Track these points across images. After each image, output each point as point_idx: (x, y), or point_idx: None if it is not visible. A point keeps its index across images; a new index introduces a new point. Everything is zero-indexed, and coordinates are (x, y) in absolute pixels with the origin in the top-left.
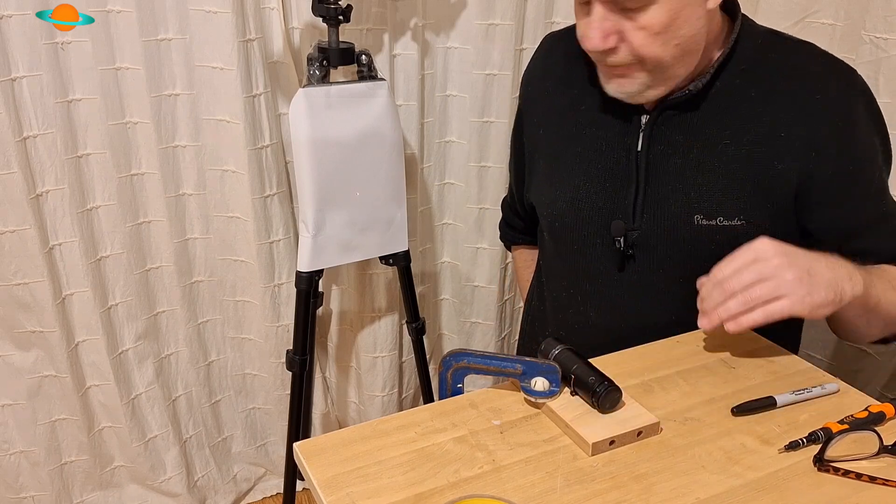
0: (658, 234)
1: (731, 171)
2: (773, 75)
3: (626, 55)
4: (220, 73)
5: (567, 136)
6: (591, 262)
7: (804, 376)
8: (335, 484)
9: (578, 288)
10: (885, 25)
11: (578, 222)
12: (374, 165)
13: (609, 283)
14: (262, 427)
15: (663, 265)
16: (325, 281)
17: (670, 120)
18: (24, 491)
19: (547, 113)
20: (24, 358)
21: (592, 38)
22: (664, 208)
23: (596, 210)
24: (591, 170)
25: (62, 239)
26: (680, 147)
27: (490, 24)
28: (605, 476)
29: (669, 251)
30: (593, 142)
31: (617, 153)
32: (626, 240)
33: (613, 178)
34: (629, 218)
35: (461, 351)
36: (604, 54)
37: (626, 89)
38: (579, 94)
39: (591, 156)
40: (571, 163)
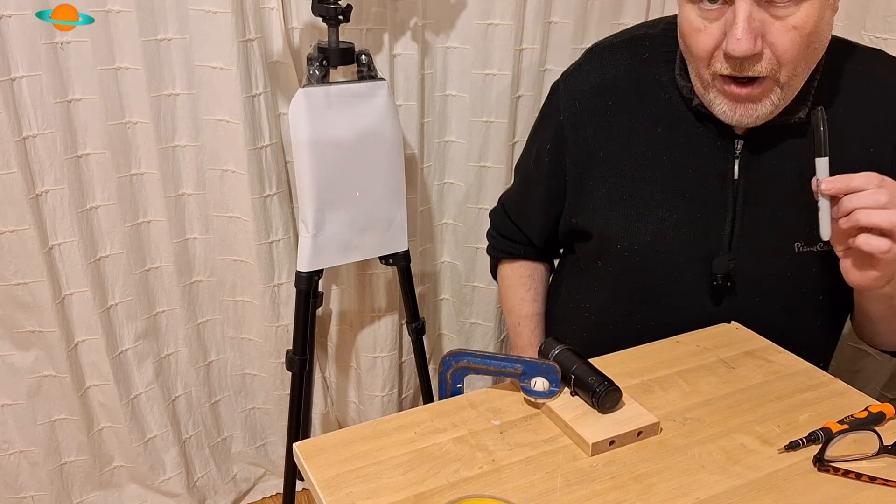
0: (757, 264)
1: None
2: (855, 89)
3: (769, 63)
4: (220, 72)
5: (639, 161)
6: (682, 295)
7: (804, 376)
8: (335, 484)
9: (663, 320)
10: (885, 25)
11: (666, 256)
12: (374, 165)
13: (703, 316)
14: (262, 427)
15: (762, 295)
16: (325, 281)
17: (767, 145)
18: (24, 491)
19: (608, 133)
20: (23, 358)
21: (742, 41)
22: (762, 237)
23: (687, 243)
24: (678, 200)
25: (62, 239)
26: (777, 173)
27: (490, 24)
28: (605, 476)
29: (769, 281)
30: (677, 169)
31: (709, 181)
32: (726, 273)
33: (706, 208)
34: (724, 249)
35: (461, 351)
36: (745, 62)
37: (756, 113)
38: (654, 114)
39: (676, 184)
40: (650, 192)
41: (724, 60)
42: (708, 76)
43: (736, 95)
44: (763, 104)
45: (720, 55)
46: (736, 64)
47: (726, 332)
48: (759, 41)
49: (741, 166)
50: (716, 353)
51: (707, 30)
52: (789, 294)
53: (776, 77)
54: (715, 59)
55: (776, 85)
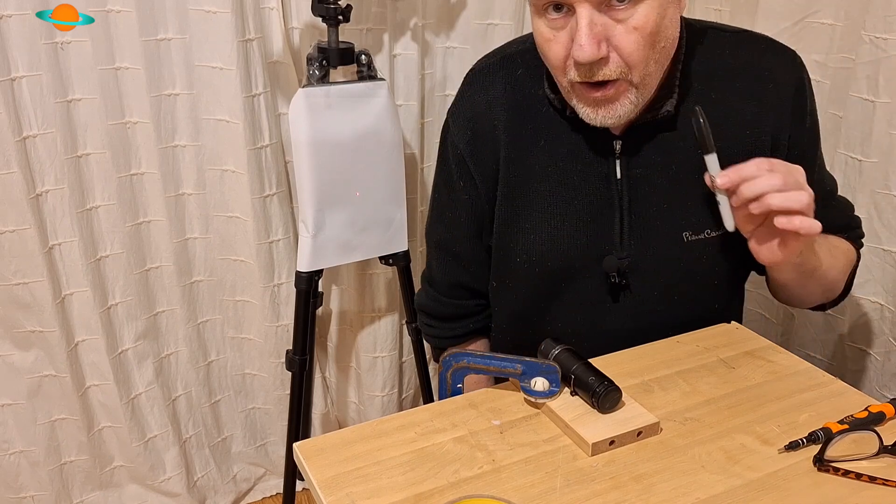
0: (648, 258)
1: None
2: (725, 73)
3: (617, 66)
4: (220, 72)
5: (529, 175)
6: (582, 298)
7: (804, 376)
8: (335, 484)
9: (569, 323)
10: (885, 25)
11: (565, 263)
12: (374, 165)
13: (604, 314)
14: (262, 427)
15: (658, 287)
16: (325, 281)
17: (642, 140)
18: (24, 491)
19: (499, 153)
20: (23, 358)
21: (585, 47)
22: (651, 232)
23: (580, 247)
24: (567, 207)
25: (62, 239)
26: (658, 166)
27: (490, 24)
28: (605, 476)
29: (662, 273)
30: (563, 177)
31: (594, 184)
32: (618, 271)
33: (594, 211)
34: (617, 247)
35: (461, 351)
36: (594, 67)
37: (617, 113)
38: (535, 128)
39: (564, 192)
40: (541, 203)
41: (575, 68)
42: (566, 83)
43: (593, 99)
44: (621, 104)
45: (571, 62)
46: (585, 70)
47: (726, 332)
48: (603, 45)
49: (622, 165)
50: (716, 353)
51: (556, 39)
52: (685, 283)
53: (628, 78)
54: (568, 67)
55: (630, 85)
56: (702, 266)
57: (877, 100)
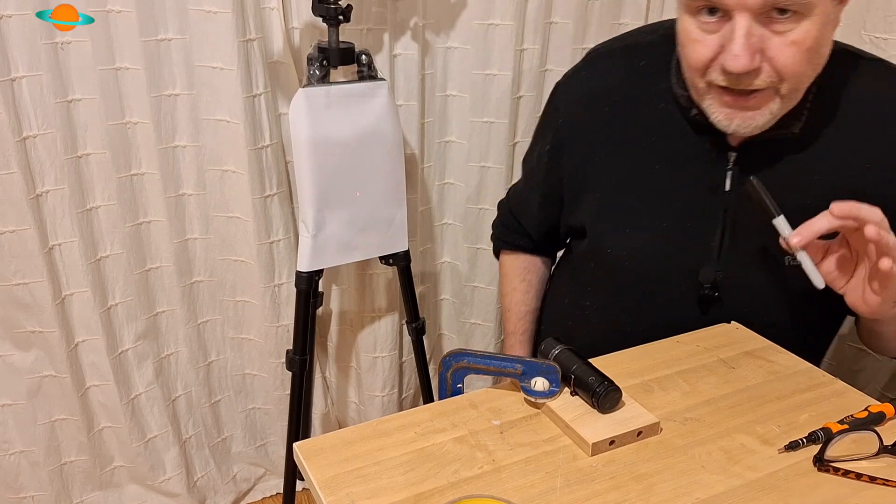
0: (744, 276)
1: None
2: (854, 101)
3: (767, 76)
4: (220, 73)
5: (633, 169)
6: (670, 303)
7: (804, 376)
8: (335, 484)
9: (648, 323)
10: (885, 25)
11: (658, 264)
12: (374, 165)
13: (688, 323)
14: (262, 427)
15: (750, 307)
16: (325, 281)
17: (759, 157)
18: (24, 491)
19: (604, 138)
20: (23, 358)
21: (741, 58)
22: (751, 251)
23: (677, 253)
24: (669, 209)
25: (62, 239)
26: (769, 186)
27: (490, 24)
28: (605, 476)
29: (757, 293)
30: (670, 178)
31: (700, 192)
32: (713, 283)
33: (697, 219)
34: (714, 260)
35: (461, 351)
36: (743, 77)
37: (755, 122)
38: (648, 122)
39: (668, 194)
40: (644, 200)
41: (721, 73)
42: (703, 85)
43: (733, 104)
44: (762, 113)
45: (717, 66)
46: (733, 79)
47: (726, 332)
48: (757, 57)
49: (733, 179)
50: (716, 353)
51: (705, 41)
52: (777, 307)
53: (776, 88)
54: (711, 69)
55: (776, 95)
56: (797, 293)
57: None
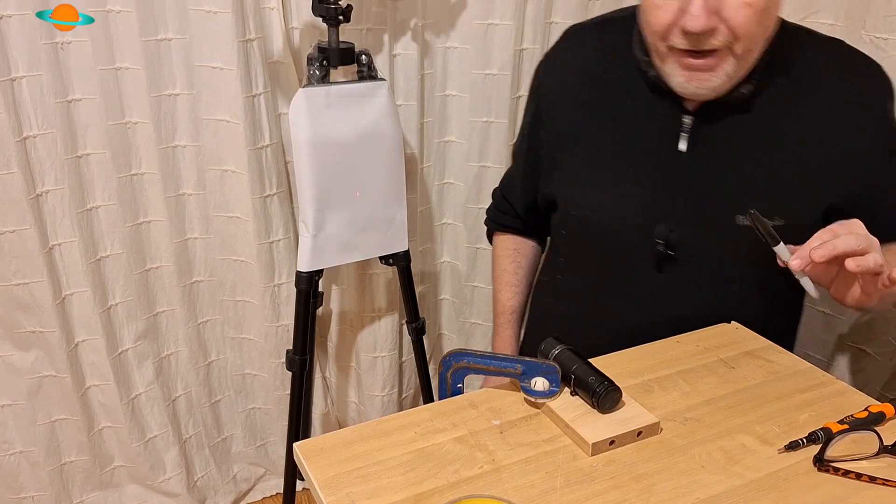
0: (699, 234)
1: (773, 172)
2: (808, 75)
3: (724, 37)
4: (220, 73)
5: (602, 133)
6: (628, 261)
7: (804, 376)
8: (335, 484)
9: (612, 285)
10: (885, 25)
11: (617, 223)
12: (374, 165)
13: (646, 282)
14: (262, 427)
15: (703, 265)
16: (325, 281)
17: (715, 121)
18: (24, 491)
19: (576, 107)
20: (23, 358)
21: (698, 17)
22: (706, 210)
23: (637, 211)
24: (632, 170)
25: (62, 239)
26: (723, 149)
27: (490, 24)
28: (605, 476)
29: (710, 252)
30: (633, 141)
31: (660, 154)
32: (667, 241)
33: (655, 179)
34: (671, 219)
35: (461, 351)
36: (701, 37)
37: (711, 84)
38: (615, 90)
39: (631, 156)
40: (609, 162)
41: (681, 35)
42: (664, 48)
43: (691, 66)
44: (717, 74)
45: (677, 30)
46: (692, 39)
47: (726, 332)
48: (713, 17)
49: (689, 140)
50: (716, 353)
51: (665, 6)
52: (728, 266)
53: (732, 48)
54: (671, 33)
55: (731, 55)
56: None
57: None
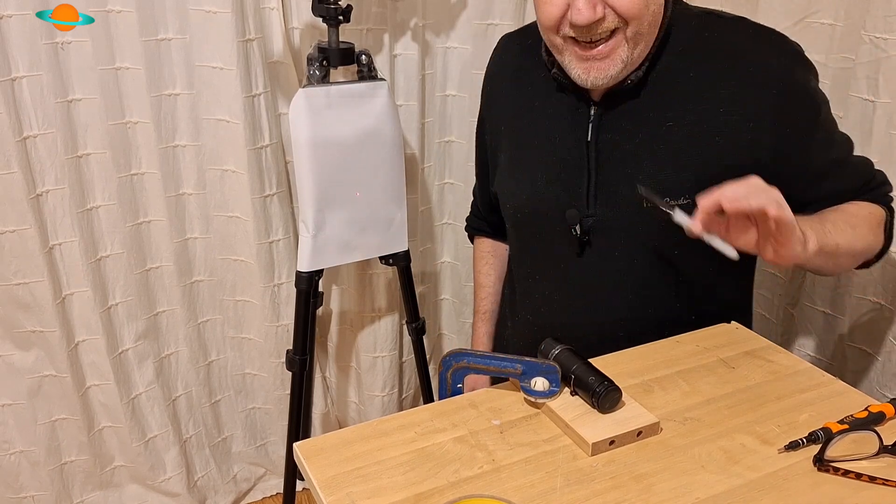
0: (611, 219)
1: (675, 152)
2: (709, 54)
3: (613, 20)
4: (220, 72)
5: (524, 129)
6: (551, 249)
7: (804, 376)
8: (335, 484)
9: (542, 274)
10: (885, 25)
11: (538, 212)
12: (374, 165)
13: (570, 269)
14: (262, 427)
15: (618, 248)
16: (325, 281)
17: (617, 109)
18: (24, 491)
19: (505, 109)
20: (24, 358)
21: (583, 11)
22: (615, 194)
23: (553, 200)
24: (547, 161)
25: (62, 239)
26: (627, 134)
27: (490, 24)
28: (605, 476)
29: (623, 234)
30: (548, 134)
31: (569, 144)
32: (581, 226)
33: (567, 168)
34: (584, 206)
35: (461, 351)
36: (592, 27)
37: (608, 73)
38: (532, 90)
39: (547, 147)
40: (529, 155)
41: (572, 28)
42: (559, 41)
43: (587, 56)
44: (613, 61)
45: (566, 22)
46: (582, 31)
47: (726, 332)
48: (598, 7)
49: (593, 129)
50: (716, 353)
51: (553, 1)
52: (642, 248)
53: (624, 31)
54: (562, 26)
55: (624, 40)
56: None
57: (877, 100)
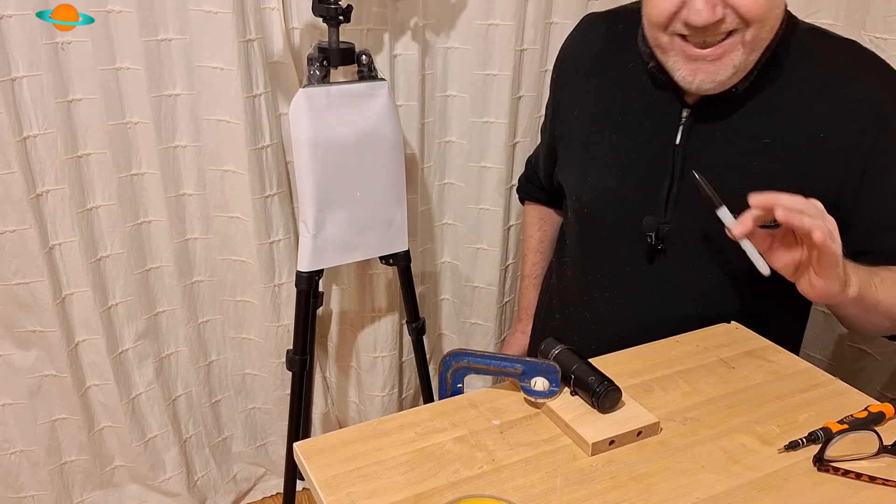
0: (689, 229)
1: (766, 170)
2: (814, 73)
3: (732, 21)
4: (220, 73)
5: (602, 121)
6: (620, 252)
7: (804, 376)
8: (335, 484)
9: (606, 273)
10: (885, 25)
11: (610, 212)
12: (375, 165)
13: (637, 275)
14: (262, 427)
15: (693, 260)
16: (325, 281)
17: (711, 115)
18: (24, 490)
19: (582, 94)
20: (24, 357)
21: (701, 12)
22: (695, 203)
23: (629, 202)
24: (627, 160)
25: (62, 239)
26: (718, 143)
27: (490, 24)
28: (605, 476)
29: (700, 247)
30: (630, 131)
31: (654, 145)
32: (657, 234)
33: (649, 171)
34: (661, 212)
35: (461, 351)
36: (709, 29)
37: (719, 77)
38: (617, 80)
39: (628, 146)
40: (606, 151)
41: (686, 30)
42: (666, 40)
43: (697, 56)
44: (724, 66)
45: (679, 20)
46: (697, 33)
47: (726, 332)
48: (718, 8)
49: (683, 133)
50: (716, 353)
51: None
52: (719, 264)
53: (742, 34)
54: (674, 22)
55: (740, 44)
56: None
57: None
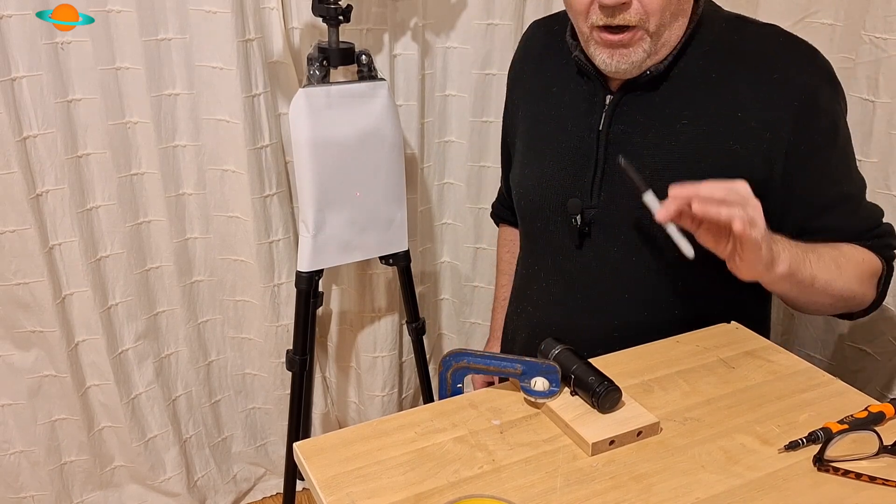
0: (613, 212)
1: (687, 151)
2: (734, 58)
3: (636, 13)
4: (220, 72)
5: (539, 117)
6: (552, 239)
7: (804, 376)
8: (335, 484)
9: (542, 264)
10: (885, 25)
11: (541, 200)
12: (374, 165)
13: (568, 260)
14: (262, 427)
15: (619, 243)
16: (325, 281)
17: (633, 100)
18: (24, 491)
19: (524, 95)
20: (24, 358)
21: None
22: (620, 187)
23: (557, 188)
24: (557, 149)
25: (62, 239)
26: (639, 127)
27: (490, 24)
28: (605, 476)
29: (624, 229)
30: (560, 122)
31: (580, 132)
32: (583, 217)
33: (575, 157)
34: (587, 196)
35: (461, 351)
36: (616, 10)
37: (631, 59)
38: (553, 76)
39: (558, 136)
40: (542, 143)
41: (599, 11)
42: (587, 29)
43: (611, 42)
44: (635, 50)
45: (595, 8)
46: (608, 13)
47: (726, 332)
48: None
49: (606, 119)
50: (716, 353)
51: None
52: (644, 245)
53: (645, 26)
54: (591, 12)
55: (646, 34)
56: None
57: (877, 100)
